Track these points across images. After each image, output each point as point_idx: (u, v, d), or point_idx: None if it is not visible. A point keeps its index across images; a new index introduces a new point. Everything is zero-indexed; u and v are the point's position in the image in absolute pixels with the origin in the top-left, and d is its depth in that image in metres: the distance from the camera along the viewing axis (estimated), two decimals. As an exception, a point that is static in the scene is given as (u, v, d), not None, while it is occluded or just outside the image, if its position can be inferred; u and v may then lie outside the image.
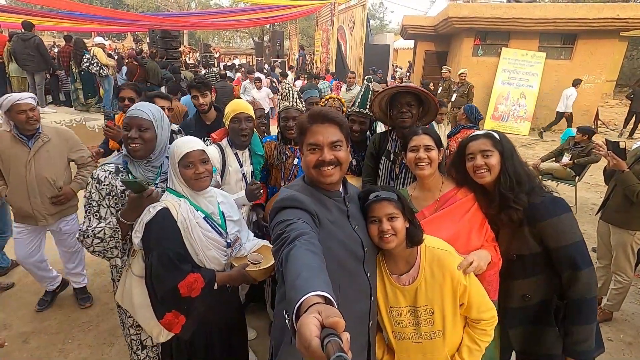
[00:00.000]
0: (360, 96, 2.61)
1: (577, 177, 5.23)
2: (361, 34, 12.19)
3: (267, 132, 4.10)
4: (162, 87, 8.56)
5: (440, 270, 1.39)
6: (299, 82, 10.51)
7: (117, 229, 1.66)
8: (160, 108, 1.83)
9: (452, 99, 8.36)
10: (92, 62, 7.71)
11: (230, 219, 1.82)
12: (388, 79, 13.42)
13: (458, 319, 1.44)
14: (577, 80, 9.57)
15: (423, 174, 1.66)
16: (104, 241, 1.65)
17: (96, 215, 1.69)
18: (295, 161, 2.48)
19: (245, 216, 2.42)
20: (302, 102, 2.61)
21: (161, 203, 1.60)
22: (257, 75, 9.39)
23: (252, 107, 2.73)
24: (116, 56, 11.66)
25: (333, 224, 1.26)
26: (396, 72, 17.48)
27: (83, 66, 7.67)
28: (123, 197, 1.71)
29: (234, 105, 2.34)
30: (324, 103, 3.33)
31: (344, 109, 3.22)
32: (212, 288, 1.63)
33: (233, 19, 16.36)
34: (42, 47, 7.16)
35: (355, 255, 1.29)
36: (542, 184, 1.61)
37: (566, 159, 5.28)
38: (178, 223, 1.57)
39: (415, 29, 13.08)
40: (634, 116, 10.20)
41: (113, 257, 1.73)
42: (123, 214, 1.65)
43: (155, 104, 2.17)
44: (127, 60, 9.65)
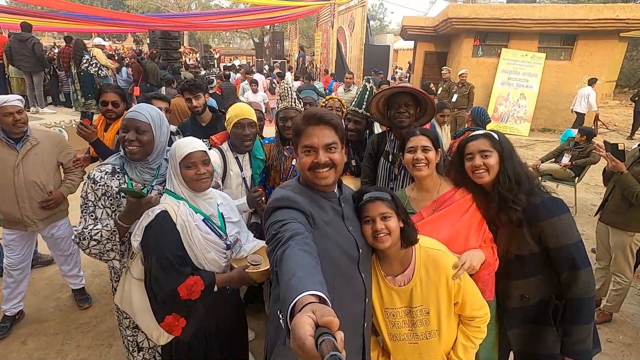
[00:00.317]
0: (357, 96, 2.61)
1: (577, 178, 5.23)
2: (361, 34, 12.18)
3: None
4: (162, 87, 8.56)
5: (436, 270, 1.40)
6: (297, 82, 10.48)
7: (114, 231, 1.64)
8: (159, 110, 1.81)
9: (453, 100, 8.34)
10: (92, 62, 7.72)
11: (229, 220, 1.81)
12: (388, 80, 13.39)
13: (452, 317, 1.45)
14: (592, 80, 9.53)
15: (421, 174, 1.66)
16: (101, 243, 1.64)
17: (92, 215, 1.68)
18: (294, 162, 2.46)
19: (245, 218, 2.40)
20: (301, 102, 2.60)
21: (160, 206, 1.59)
22: (253, 78, 9.25)
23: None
24: (116, 57, 11.66)
25: (328, 225, 1.26)
26: (396, 72, 17.49)
27: (82, 67, 7.67)
28: (119, 198, 1.70)
29: (237, 110, 2.24)
30: (324, 103, 3.32)
31: (344, 109, 3.21)
32: (212, 290, 1.62)
33: (233, 19, 16.34)
34: (39, 48, 7.16)
35: (350, 256, 1.29)
36: (541, 185, 1.61)
37: (566, 159, 5.27)
38: (177, 226, 1.56)
39: (415, 29, 13.09)
40: None
41: (110, 260, 1.71)
42: (121, 218, 1.64)
43: (153, 105, 2.16)
44: (131, 61, 9.62)
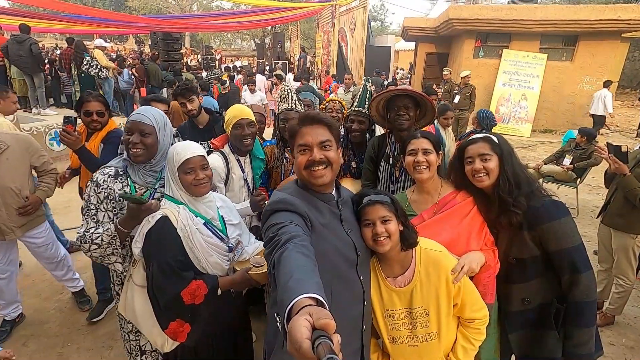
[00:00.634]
0: (358, 96, 2.61)
1: (578, 179, 5.22)
2: (362, 35, 12.18)
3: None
4: (164, 89, 8.58)
5: (436, 271, 1.39)
6: (296, 83, 10.43)
7: (115, 236, 1.64)
8: (163, 113, 1.81)
9: (455, 101, 8.33)
10: (92, 64, 7.74)
11: (230, 223, 1.80)
12: (390, 80, 13.36)
13: (452, 319, 1.45)
14: (607, 82, 9.55)
15: (421, 177, 1.65)
16: (101, 247, 1.64)
17: (93, 218, 1.68)
18: None
19: (247, 222, 2.39)
20: (301, 103, 2.60)
21: (160, 211, 1.58)
22: (249, 77, 9.06)
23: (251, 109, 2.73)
24: (118, 59, 11.66)
25: (325, 227, 1.26)
26: (397, 73, 17.48)
27: (83, 68, 7.69)
28: (121, 201, 1.70)
29: (235, 112, 2.25)
30: (324, 105, 3.32)
31: (344, 111, 3.21)
32: (216, 294, 1.61)
33: (234, 21, 16.38)
34: (36, 48, 7.17)
35: (348, 259, 1.29)
36: (541, 188, 1.61)
37: (567, 161, 5.26)
38: (178, 230, 1.55)
39: (416, 30, 13.10)
40: None
41: (112, 263, 1.72)
42: (121, 223, 1.63)
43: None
44: (135, 62, 9.62)
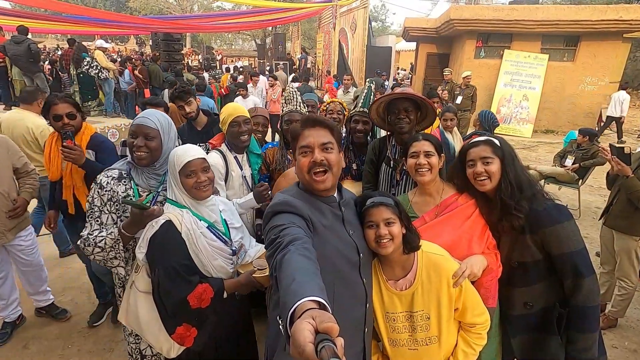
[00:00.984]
0: (362, 97, 2.63)
1: (581, 180, 5.20)
2: (363, 36, 12.19)
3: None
4: (165, 90, 8.58)
5: (437, 275, 1.39)
6: (295, 84, 10.40)
7: (118, 240, 1.64)
8: (168, 116, 1.81)
9: (457, 102, 8.33)
10: (92, 65, 7.74)
11: (232, 226, 1.80)
12: (390, 80, 13.34)
13: (452, 323, 1.44)
14: (625, 84, 9.66)
15: (423, 180, 1.65)
16: (104, 251, 1.64)
17: (97, 220, 1.68)
18: None
19: (250, 221, 2.40)
20: (305, 105, 2.61)
21: (164, 216, 1.57)
22: (241, 82, 8.63)
23: (254, 113, 2.74)
24: (119, 59, 11.68)
25: (328, 229, 1.26)
26: (398, 74, 17.47)
27: (83, 69, 7.69)
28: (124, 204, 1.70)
29: (230, 110, 2.32)
30: (325, 107, 3.32)
31: (345, 112, 3.21)
32: (222, 297, 1.61)
33: (235, 21, 16.41)
34: (35, 47, 7.16)
35: (351, 261, 1.29)
36: (543, 191, 1.60)
37: (569, 161, 5.25)
38: (182, 234, 1.55)
39: (417, 31, 13.07)
40: None
41: (114, 267, 1.72)
42: (125, 227, 1.63)
43: None
44: (137, 63, 9.60)
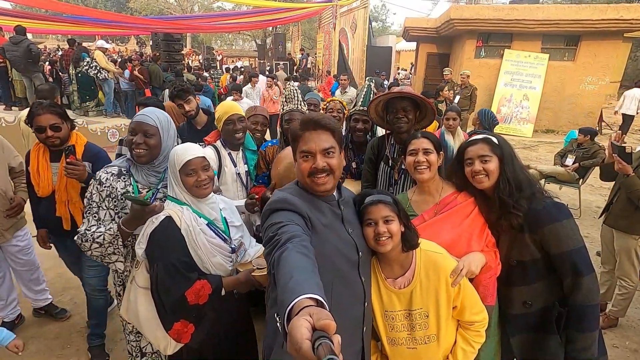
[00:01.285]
0: (362, 95, 2.62)
1: (581, 180, 5.19)
2: (363, 36, 12.19)
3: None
4: (165, 90, 8.58)
5: (436, 273, 1.39)
6: (295, 84, 10.31)
7: (117, 235, 1.64)
8: (167, 114, 1.82)
9: (455, 101, 8.33)
10: (92, 65, 7.75)
11: (232, 224, 1.81)
12: (391, 80, 13.33)
13: (450, 321, 1.45)
14: (639, 82, 9.57)
15: (422, 177, 1.65)
16: (102, 246, 1.65)
17: (95, 216, 1.69)
18: None
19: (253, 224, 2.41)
20: (306, 104, 2.61)
21: (164, 212, 1.58)
22: (237, 84, 8.26)
23: (253, 111, 2.75)
24: (119, 59, 11.67)
25: (327, 228, 1.25)
26: (399, 74, 17.46)
27: (83, 69, 7.70)
28: (123, 200, 1.71)
29: (225, 108, 2.36)
30: (325, 106, 3.32)
31: (345, 111, 3.21)
32: (220, 294, 1.61)
33: (235, 21, 16.44)
34: (35, 47, 7.18)
35: (350, 260, 1.28)
36: (543, 189, 1.59)
37: (570, 161, 5.24)
38: (182, 231, 1.56)
39: (417, 30, 13.06)
40: None
41: (112, 262, 1.72)
42: (124, 223, 1.63)
43: None
44: (136, 63, 9.60)
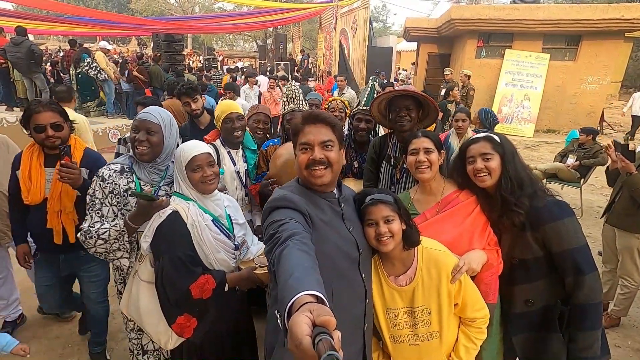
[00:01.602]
0: (365, 95, 2.63)
1: (582, 180, 5.18)
2: (364, 36, 12.18)
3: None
4: (165, 90, 8.57)
5: (437, 271, 1.39)
6: (296, 83, 10.32)
7: (123, 231, 1.65)
8: (169, 113, 1.84)
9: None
10: (92, 65, 7.76)
11: (236, 222, 1.84)
12: (392, 82, 13.34)
13: (452, 318, 1.45)
14: None
15: (423, 177, 1.65)
16: (108, 243, 1.66)
17: (98, 213, 1.70)
18: None
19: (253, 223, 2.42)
20: (307, 104, 2.62)
21: (171, 207, 1.61)
22: (229, 83, 8.05)
23: (255, 110, 2.76)
24: (120, 60, 11.68)
25: (327, 225, 1.26)
26: (399, 74, 17.46)
27: (83, 69, 7.71)
28: (126, 196, 1.72)
29: (223, 107, 2.39)
30: (327, 105, 3.32)
31: (347, 110, 3.21)
32: (223, 289, 1.63)
33: (236, 22, 16.45)
34: (37, 52, 7.22)
35: (350, 257, 1.28)
36: (545, 188, 1.59)
37: (571, 160, 5.22)
38: (188, 226, 1.58)
39: (418, 31, 13.07)
40: None
41: (117, 259, 1.72)
42: (131, 218, 1.65)
43: None
44: (133, 64, 9.61)
